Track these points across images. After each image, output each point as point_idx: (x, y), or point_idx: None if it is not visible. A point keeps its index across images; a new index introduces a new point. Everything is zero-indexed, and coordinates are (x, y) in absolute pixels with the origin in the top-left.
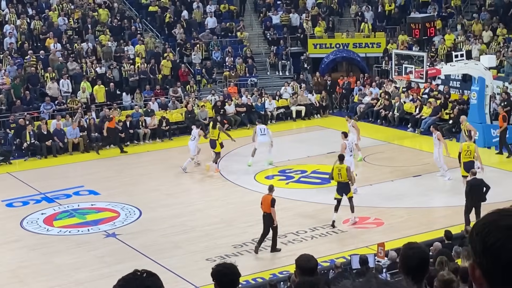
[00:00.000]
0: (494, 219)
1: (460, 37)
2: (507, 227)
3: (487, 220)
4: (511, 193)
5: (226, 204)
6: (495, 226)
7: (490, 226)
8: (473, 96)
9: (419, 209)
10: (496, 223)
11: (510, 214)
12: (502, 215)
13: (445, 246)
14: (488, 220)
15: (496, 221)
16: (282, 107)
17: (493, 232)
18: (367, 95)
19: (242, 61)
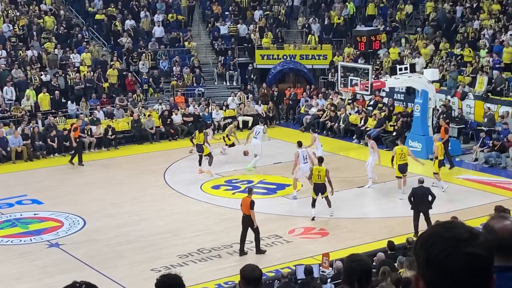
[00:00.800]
0: (438, 231)
1: (404, 51)
2: (450, 239)
3: (431, 232)
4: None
5: (172, 213)
6: (439, 238)
7: (434, 238)
8: (417, 108)
9: (363, 220)
10: (440, 234)
11: (454, 226)
12: (446, 227)
13: (388, 257)
14: (432, 232)
15: (440, 232)
16: (229, 117)
17: (436, 243)
18: (314, 106)
19: (189, 71)
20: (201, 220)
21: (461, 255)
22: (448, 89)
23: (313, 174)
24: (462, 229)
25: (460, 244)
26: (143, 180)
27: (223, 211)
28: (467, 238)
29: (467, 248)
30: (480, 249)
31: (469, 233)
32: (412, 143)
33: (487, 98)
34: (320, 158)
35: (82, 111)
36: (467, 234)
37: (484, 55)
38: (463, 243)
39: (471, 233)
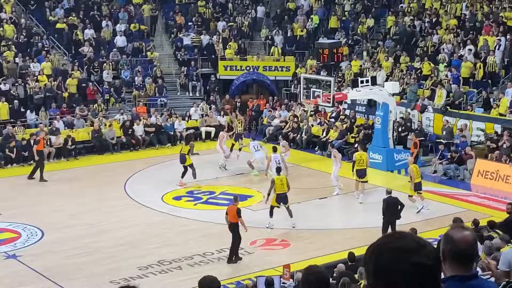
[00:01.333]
0: (386, 241)
1: (365, 64)
2: (397, 249)
3: (379, 242)
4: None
5: (132, 225)
6: (386, 248)
7: (381, 248)
8: (378, 121)
9: (324, 231)
10: (388, 245)
11: (402, 237)
12: (394, 238)
13: (348, 268)
14: (380, 242)
15: (388, 243)
16: (192, 127)
17: (384, 253)
18: (276, 117)
19: (152, 81)
20: (162, 231)
21: (408, 265)
22: (408, 102)
23: (276, 184)
24: (410, 239)
25: (406, 254)
26: (103, 191)
27: (184, 223)
28: (414, 248)
29: (413, 258)
30: (426, 258)
31: (416, 243)
32: (373, 155)
33: (445, 111)
34: (277, 169)
35: (42, 120)
36: (414, 244)
37: (443, 69)
38: (409, 253)
39: (418, 243)
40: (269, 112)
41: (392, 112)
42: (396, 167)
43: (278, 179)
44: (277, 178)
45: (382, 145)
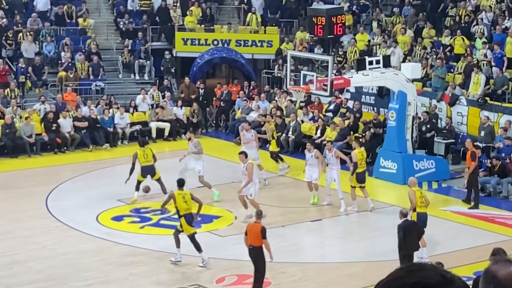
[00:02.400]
0: (400, 276)
1: (376, 38)
2: (415, 285)
3: (391, 278)
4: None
5: (56, 254)
6: (400, 284)
7: (394, 284)
8: (391, 116)
9: (317, 265)
10: (402, 280)
11: (420, 269)
12: (409, 270)
13: None
14: (392, 278)
15: (402, 277)
16: (138, 122)
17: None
18: (253, 110)
19: (84, 58)
20: (96, 263)
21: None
22: (434, 91)
23: (177, 200)
24: (432, 272)
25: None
26: (17, 208)
27: (126, 251)
28: (438, 283)
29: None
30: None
31: (440, 276)
32: (385, 162)
33: (484, 104)
34: (180, 181)
35: None
36: (438, 278)
37: (480, 47)
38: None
39: (443, 277)
40: (244, 102)
41: (411, 104)
42: None
43: (179, 194)
44: (178, 194)
45: (397, 149)
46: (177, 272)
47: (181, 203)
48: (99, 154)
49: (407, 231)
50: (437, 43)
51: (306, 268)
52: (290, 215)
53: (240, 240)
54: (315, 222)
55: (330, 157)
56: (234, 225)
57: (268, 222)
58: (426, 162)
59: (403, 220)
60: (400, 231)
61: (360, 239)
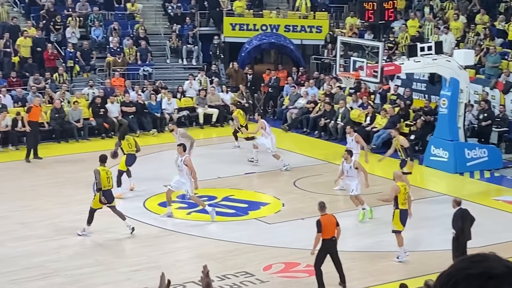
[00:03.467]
0: (463, 267)
1: (428, 24)
2: (480, 276)
3: (453, 269)
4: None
5: (103, 240)
6: (464, 275)
7: (457, 276)
8: (443, 103)
9: (365, 254)
10: (465, 271)
11: (483, 259)
12: (473, 261)
13: None
14: (455, 268)
15: (465, 268)
16: (186, 108)
17: (461, 283)
18: (302, 96)
19: (132, 43)
20: (142, 249)
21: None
22: (487, 78)
23: (102, 178)
24: (496, 262)
25: (493, 282)
26: (65, 192)
27: (173, 238)
28: (503, 273)
29: (503, 286)
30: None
31: (505, 267)
32: (436, 150)
33: None
34: (102, 157)
35: None
36: (503, 269)
37: None
38: (497, 280)
39: (508, 268)
40: (292, 89)
41: (463, 91)
42: (467, 168)
43: (103, 170)
44: (103, 170)
45: (449, 137)
46: (224, 259)
47: (104, 179)
48: (146, 140)
49: (464, 219)
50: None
51: (354, 257)
52: (338, 203)
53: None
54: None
55: (351, 141)
56: (281, 212)
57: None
58: (478, 150)
59: (458, 209)
60: (458, 219)
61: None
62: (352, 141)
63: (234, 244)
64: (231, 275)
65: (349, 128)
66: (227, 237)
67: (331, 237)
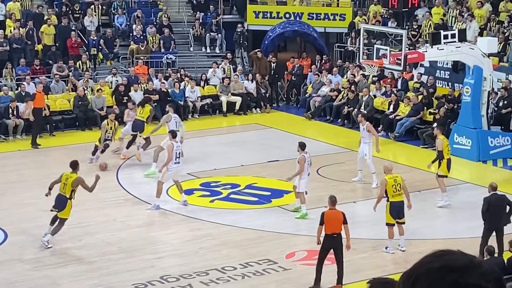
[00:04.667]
0: (426, 261)
1: (451, 12)
2: (439, 269)
3: (416, 264)
4: None
5: (127, 227)
6: (425, 269)
7: (419, 270)
8: (466, 91)
9: (387, 242)
10: (428, 265)
11: (444, 254)
12: (436, 256)
13: None
14: (417, 264)
15: (429, 262)
16: (209, 96)
17: (421, 276)
18: (325, 84)
19: (155, 31)
20: (166, 237)
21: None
22: (510, 66)
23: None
24: (459, 256)
25: (454, 275)
26: (88, 180)
27: (196, 225)
28: (464, 266)
29: (463, 278)
30: (483, 279)
31: (469, 261)
32: (459, 138)
33: None
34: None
35: (6, 82)
36: (465, 262)
37: None
38: (458, 273)
39: (471, 261)
40: (316, 77)
41: (487, 79)
42: (490, 156)
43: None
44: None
45: (472, 125)
46: (247, 247)
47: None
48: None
49: (493, 205)
50: None
51: (377, 245)
52: (362, 190)
53: (311, 215)
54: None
55: (362, 131)
56: None
57: (338, 198)
58: (502, 138)
59: (491, 194)
60: (485, 204)
61: (433, 217)
62: (364, 130)
63: (257, 232)
64: (254, 262)
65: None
66: (250, 225)
67: (333, 233)
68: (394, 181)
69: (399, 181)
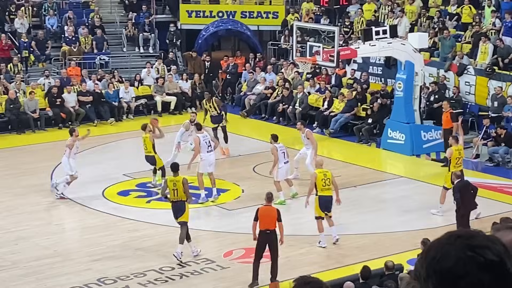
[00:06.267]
0: (436, 238)
1: (383, 8)
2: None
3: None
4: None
5: (62, 230)
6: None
7: (431, 244)
8: (399, 86)
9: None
10: (438, 239)
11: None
12: (445, 233)
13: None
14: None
15: (438, 238)
16: (144, 96)
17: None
18: (260, 82)
19: (87, 32)
20: (102, 239)
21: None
22: (442, 61)
23: (169, 187)
24: (466, 229)
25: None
26: (22, 183)
27: (133, 227)
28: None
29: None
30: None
31: (474, 231)
32: (393, 133)
33: (492, 73)
34: (174, 166)
35: None
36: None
37: (489, 15)
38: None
39: (477, 231)
40: (250, 75)
41: (418, 74)
42: (424, 150)
43: (171, 181)
44: (170, 180)
45: (405, 120)
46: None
47: (170, 189)
48: (104, 129)
49: (463, 191)
50: (443, 12)
51: (314, 241)
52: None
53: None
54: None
55: (303, 138)
56: (241, 198)
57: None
58: (434, 132)
59: (458, 181)
60: (456, 192)
61: (368, 211)
62: (304, 137)
63: (195, 231)
64: (191, 262)
65: (299, 125)
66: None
67: (266, 229)
68: (324, 176)
69: (329, 176)
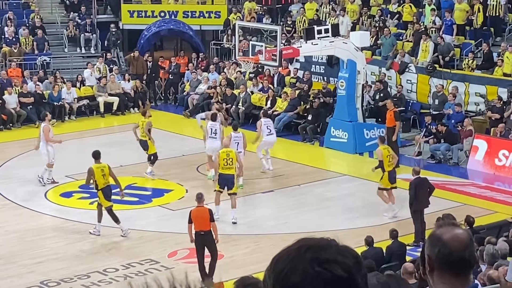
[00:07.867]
0: (287, 245)
1: (324, 7)
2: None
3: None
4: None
5: (4, 233)
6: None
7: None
8: (341, 85)
9: (269, 237)
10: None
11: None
12: (296, 241)
13: None
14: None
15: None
16: (86, 97)
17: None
18: (203, 82)
19: (28, 33)
20: (45, 241)
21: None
22: (383, 59)
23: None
24: (317, 238)
25: (310, 252)
26: None
27: (76, 228)
28: (321, 245)
29: (321, 254)
30: (339, 255)
31: (326, 241)
32: (336, 131)
33: (433, 71)
34: (96, 154)
35: None
36: (322, 242)
37: (429, 14)
38: (315, 250)
39: (328, 242)
40: (193, 74)
41: (360, 73)
42: (366, 148)
43: (98, 168)
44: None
45: (347, 119)
46: (129, 247)
47: (99, 177)
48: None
49: (419, 188)
50: (385, 11)
51: (259, 240)
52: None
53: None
54: (266, 193)
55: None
56: (185, 198)
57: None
58: (377, 130)
59: (415, 178)
60: (412, 188)
61: (312, 209)
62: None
63: (139, 232)
64: (136, 263)
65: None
66: (131, 225)
67: (200, 230)
68: (226, 156)
69: (232, 156)
